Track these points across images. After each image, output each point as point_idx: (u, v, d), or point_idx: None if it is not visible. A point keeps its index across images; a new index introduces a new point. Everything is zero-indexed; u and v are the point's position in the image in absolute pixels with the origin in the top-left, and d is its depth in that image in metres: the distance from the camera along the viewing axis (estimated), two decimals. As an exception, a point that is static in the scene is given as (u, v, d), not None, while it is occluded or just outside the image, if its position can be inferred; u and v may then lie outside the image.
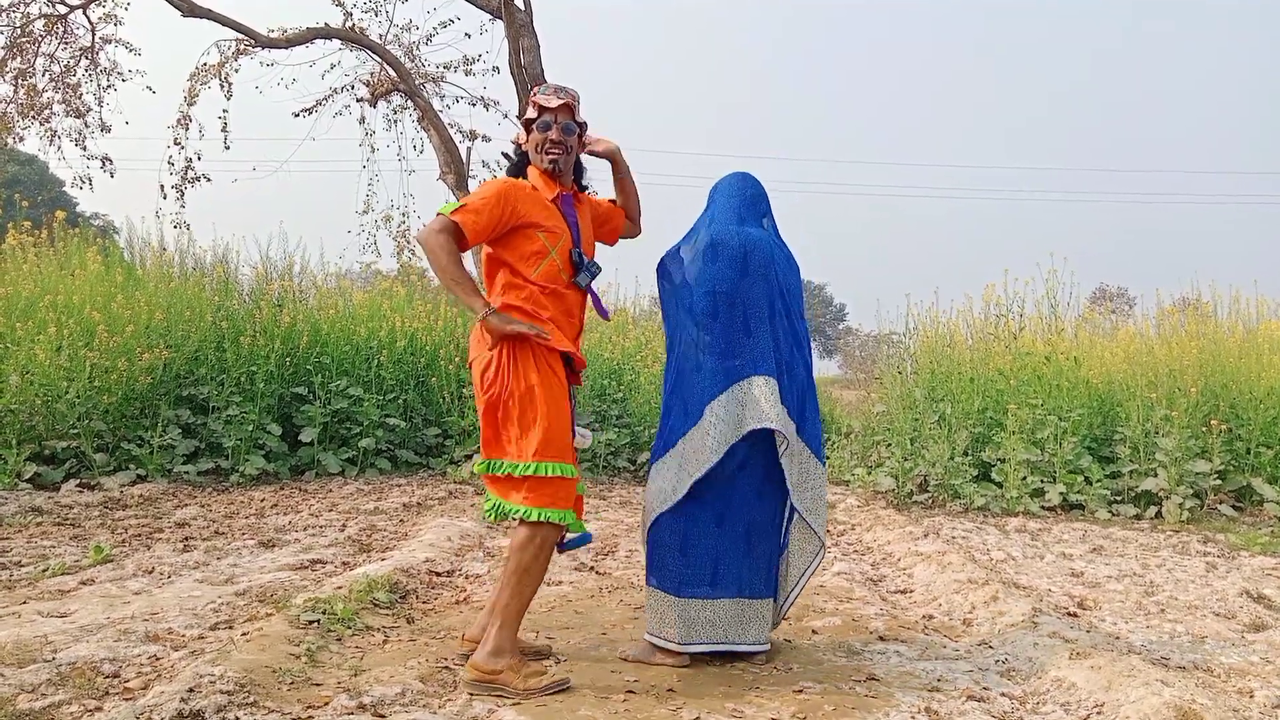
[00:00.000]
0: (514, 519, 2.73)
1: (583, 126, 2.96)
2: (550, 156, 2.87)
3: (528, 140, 2.93)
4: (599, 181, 3.42)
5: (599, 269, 2.92)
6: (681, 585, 2.92)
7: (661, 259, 3.14)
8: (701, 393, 2.89)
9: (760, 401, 2.85)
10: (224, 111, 13.31)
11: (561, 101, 2.88)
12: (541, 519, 2.67)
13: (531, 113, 2.91)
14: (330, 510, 5.63)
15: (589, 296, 2.96)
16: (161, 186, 13.46)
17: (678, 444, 2.94)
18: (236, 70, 13.27)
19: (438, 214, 2.75)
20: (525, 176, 2.92)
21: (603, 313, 3.04)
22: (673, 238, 3.17)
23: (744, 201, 3.10)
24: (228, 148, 13.10)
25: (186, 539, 4.66)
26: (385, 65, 13.34)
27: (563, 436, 2.73)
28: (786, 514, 3.04)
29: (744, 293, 2.93)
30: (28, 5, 12.32)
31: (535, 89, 2.98)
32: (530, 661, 2.78)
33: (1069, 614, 3.65)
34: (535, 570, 2.72)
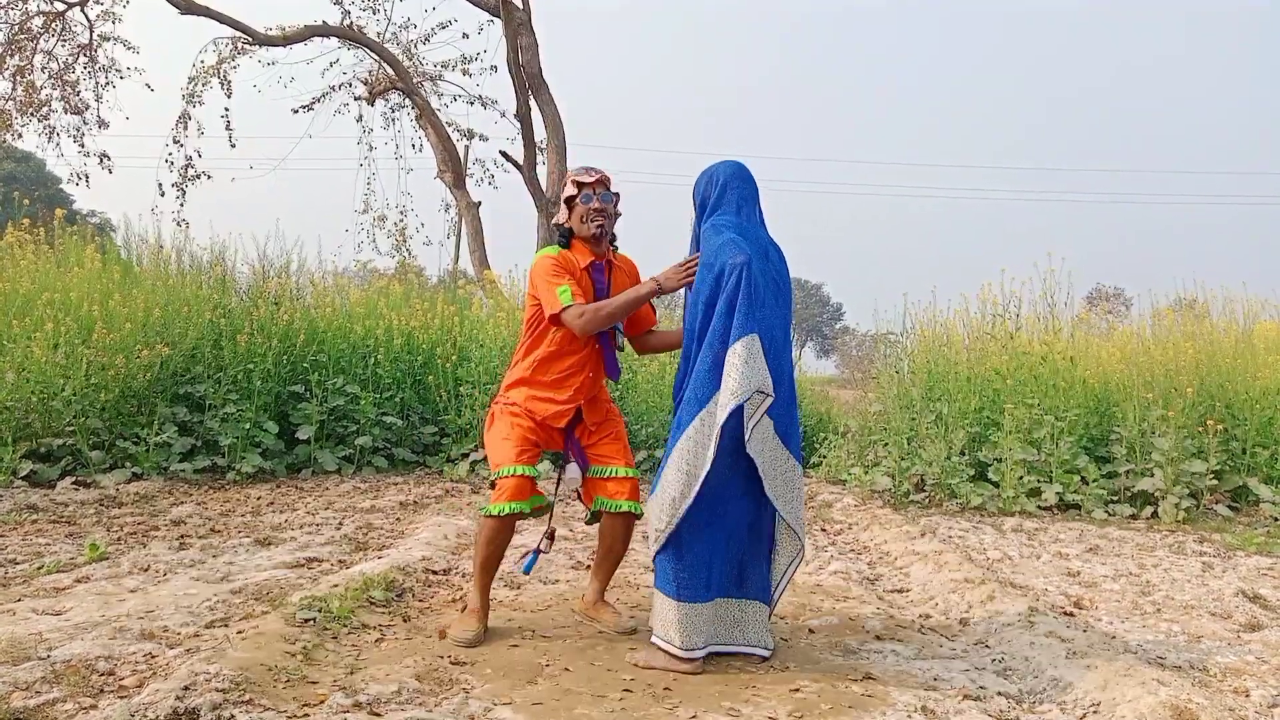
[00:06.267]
0: None
1: (617, 196, 3.25)
2: (596, 223, 3.17)
3: (570, 216, 3.21)
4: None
5: (618, 329, 3.25)
6: (680, 589, 2.90)
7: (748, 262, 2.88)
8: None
9: (736, 368, 2.77)
10: (225, 110, 13.29)
11: (596, 178, 3.21)
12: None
13: (571, 190, 3.21)
14: (327, 508, 5.62)
15: (604, 351, 3.23)
16: (160, 184, 13.44)
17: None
18: (235, 69, 13.22)
19: (561, 314, 3.06)
20: (569, 247, 3.23)
21: (612, 372, 3.28)
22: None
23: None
24: (234, 146, 13.11)
25: (182, 537, 4.65)
26: (383, 63, 13.33)
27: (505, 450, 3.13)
28: (773, 516, 3.01)
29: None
30: (26, 2, 12.28)
31: (570, 172, 3.29)
32: (469, 615, 3.19)
33: (1065, 613, 3.65)
34: (479, 544, 3.16)
